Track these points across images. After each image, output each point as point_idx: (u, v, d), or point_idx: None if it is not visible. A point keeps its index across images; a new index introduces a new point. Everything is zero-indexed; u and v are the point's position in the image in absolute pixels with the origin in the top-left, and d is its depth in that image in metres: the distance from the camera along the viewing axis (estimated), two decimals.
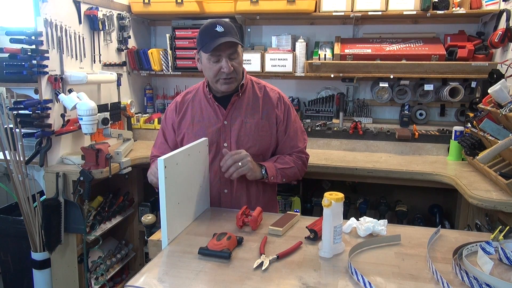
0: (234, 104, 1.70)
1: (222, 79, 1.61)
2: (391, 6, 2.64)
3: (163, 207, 1.28)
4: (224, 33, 1.54)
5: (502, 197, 1.76)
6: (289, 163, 1.73)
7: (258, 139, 1.70)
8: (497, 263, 1.18)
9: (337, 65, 2.68)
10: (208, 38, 1.55)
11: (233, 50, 1.58)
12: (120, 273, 2.77)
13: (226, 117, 1.70)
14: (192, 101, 1.76)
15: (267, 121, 1.72)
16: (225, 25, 1.56)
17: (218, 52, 1.56)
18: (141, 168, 2.79)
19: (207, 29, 1.57)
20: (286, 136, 1.76)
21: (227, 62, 1.56)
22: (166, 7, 2.89)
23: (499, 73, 2.31)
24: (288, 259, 1.21)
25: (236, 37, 1.58)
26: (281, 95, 1.79)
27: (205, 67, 1.63)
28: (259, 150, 1.71)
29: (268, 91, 1.76)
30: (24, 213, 2.27)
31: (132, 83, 3.16)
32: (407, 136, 2.63)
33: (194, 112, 1.74)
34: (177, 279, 1.11)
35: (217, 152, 1.71)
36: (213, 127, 1.70)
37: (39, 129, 2.18)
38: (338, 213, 1.21)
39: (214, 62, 1.58)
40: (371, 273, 1.12)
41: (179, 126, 1.76)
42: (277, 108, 1.74)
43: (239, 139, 1.69)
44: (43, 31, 2.18)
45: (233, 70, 1.59)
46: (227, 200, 1.72)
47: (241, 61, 1.64)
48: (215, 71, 1.59)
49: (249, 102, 1.72)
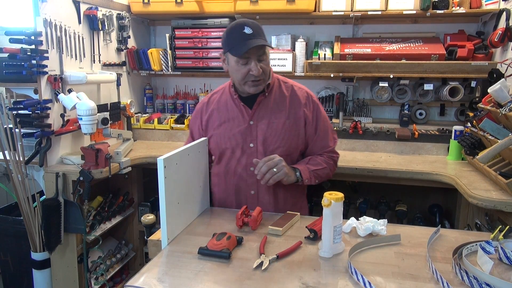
0: (260, 104, 1.67)
1: (250, 81, 1.57)
2: (390, 5, 2.64)
3: (162, 207, 1.28)
4: (253, 35, 1.50)
5: (502, 197, 1.76)
6: (321, 163, 1.69)
7: (285, 139, 1.66)
8: (497, 262, 1.18)
9: (337, 64, 2.68)
10: (237, 41, 1.51)
11: (262, 52, 1.54)
12: (120, 273, 2.77)
13: (252, 117, 1.66)
14: (218, 102, 1.73)
15: (294, 121, 1.67)
16: (253, 26, 1.51)
17: (248, 55, 1.51)
18: (141, 168, 2.79)
19: (234, 31, 1.53)
20: (317, 136, 1.72)
21: (256, 65, 1.52)
22: (166, 7, 2.89)
23: (499, 73, 2.31)
24: (288, 259, 1.21)
25: (264, 38, 1.54)
26: (310, 94, 1.73)
27: (232, 69, 1.59)
28: (286, 150, 1.66)
29: (296, 90, 1.71)
30: (24, 213, 2.26)
31: (131, 83, 3.16)
32: (407, 136, 2.63)
33: (220, 113, 1.72)
34: (176, 279, 1.11)
35: (243, 152, 1.67)
36: (239, 128, 1.67)
37: (39, 129, 2.18)
38: (338, 212, 1.21)
39: (242, 64, 1.54)
40: (371, 273, 1.12)
41: (206, 128, 1.74)
42: (306, 107, 1.69)
43: (266, 140, 1.65)
44: (43, 31, 2.18)
45: (262, 72, 1.55)
46: (253, 202, 1.68)
47: (269, 62, 1.60)
48: (244, 73, 1.55)
49: (275, 102, 1.68)
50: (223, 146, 1.68)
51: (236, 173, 1.69)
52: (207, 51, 2.96)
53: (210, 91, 3.24)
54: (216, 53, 2.95)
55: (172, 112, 3.27)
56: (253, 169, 1.63)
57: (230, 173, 1.70)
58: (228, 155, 1.69)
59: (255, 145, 1.66)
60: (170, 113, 3.23)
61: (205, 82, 3.28)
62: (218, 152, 1.71)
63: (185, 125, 3.00)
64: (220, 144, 1.69)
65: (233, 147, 1.67)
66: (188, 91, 3.32)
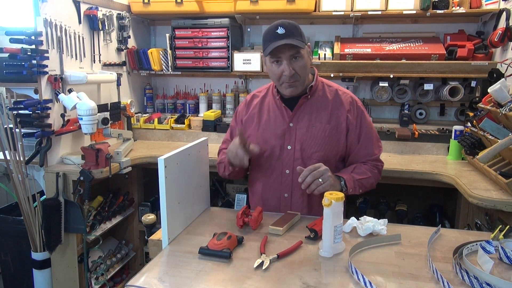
0: (302, 107, 1.63)
1: (285, 82, 1.55)
2: (390, 5, 2.64)
3: (163, 207, 1.28)
4: (285, 35, 1.47)
5: (502, 196, 1.76)
6: (366, 173, 1.63)
7: (324, 144, 1.62)
8: (497, 262, 1.18)
9: (337, 64, 2.68)
10: (269, 41, 1.50)
11: (295, 52, 1.50)
12: (120, 273, 2.77)
13: (292, 119, 1.63)
14: (261, 102, 1.72)
15: (336, 126, 1.62)
16: (287, 27, 1.49)
17: (278, 54, 1.50)
18: (141, 168, 2.79)
19: (269, 31, 1.51)
20: (360, 144, 1.66)
21: (287, 65, 1.50)
22: (166, 6, 2.89)
23: (499, 73, 2.31)
24: (289, 258, 1.21)
25: (298, 38, 1.50)
26: (354, 99, 1.68)
27: (268, 70, 1.58)
28: (324, 155, 1.62)
29: (340, 95, 1.66)
30: (24, 213, 2.26)
31: (132, 83, 3.16)
32: (407, 136, 2.63)
33: (262, 112, 1.70)
34: (177, 278, 1.11)
35: (280, 154, 1.64)
36: (278, 129, 1.64)
37: (39, 129, 2.18)
38: (338, 212, 1.21)
39: (275, 65, 1.53)
40: (372, 273, 1.12)
41: (245, 125, 1.72)
42: (350, 113, 1.64)
43: (304, 143, 1.62)
44: (43, 31, 2.18)
45: (295, 73, 1.52)
46: (287, 205, 1.66)
47: (306, 63, 1.55)
48: (278, 74, 1.54)
49: (317, 105, 1.63)
50: (261, 146, 1.65)
51: (272, 175, 1.66)
52: (207, 51, 2.96)
53: (210, 91, 3.27)
54: (216, 53, 2.95)
55: (172, 112, 3.27)
56: (288, 172, 1.63)
57: (266, 174, 1.68)
58: (266, 156, 1.66)
59: (293, 148, 1.63)
60: (170, 113, 3.23)
61: (205, 82, 3.28)
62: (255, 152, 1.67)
63: (185, 125, 3.00)
64: (259, 143, 1.65)
65: (271, 148, 1.65)
66: (188, 91, 3.32)
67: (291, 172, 1.63)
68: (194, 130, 3.01)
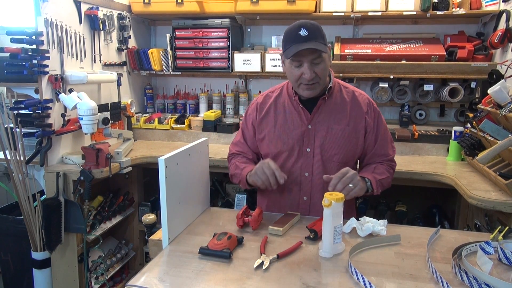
0: (320, 108, 1.60)
1: (303, 84, 1.52)
2: (391, 6, 2.65)
3: (163, 207, 1.28)
4: (308, 38, 1.43)
5: (502, 197, 1.77)
6: (385, 172, 1.63)
7: (343, 146, 1.60)
8: (497, 263, 1.18)
9: (337, 65, 2.68)
10: (290, 42, 1.46)
11: (317, 55, 1.46)
12: (120, 273, 2.77)
13: (311, 121, 1.60)
14: (275, 102, 1.68)
15: (355, 128, 1.61)
16: (310, 28, 1.45)
17: (300, 57, 1.46)
18: (141, 168, 2.79)
19: (291, 32, 1.48)
20: (377, 145, 1.66)
21: (308, 68, 1.46)
22: (166, 7, 2.89)
23: (499, 74, 2.31)
24: (289, 258, 1.21)
25: (321, 41, 1.46)
26: (371, 101, 1.67)
27: (287, 71, 1.55)
28: (344, 157, 1.61)
29: (357, 96, 1.65)
30: (24, 213, 2.27)
31: (132, 83, 3.17)
32: (406, 136, 2.63)
33: (277, 113, 1.66)
34: (177, 278, 1.11)
35: (299, 156, 1.62)
36: (296, 131, 1.61)
37: (40, 129, 2.18)
38: (338, 213, 1.21)
39: (295, 67, 1.50)
40: (371, 273, 1.12)
41: (260, 125, 1.68)
42: (367, 114, 1.63)
43: (323, 146, 1.59)
44: (44, 31, 2.18)
45: (316, 76, 1.49)
46: (305, 207, 1.64)
47: (327, 66, 1.53)
48: (297, 76, 1.51)
49: (336, 107, 1.61)
50: (278, 149, 1.63)
51: (290, 178, 1.62)
52: (207, 51, 2.97)
53: (211, 91, 3.27)
54: (217, 53, 2.96)
55: (173, 112, 3.27)
56: (307, 174, 1.62)
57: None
58: (283, 159, 1.63)
59: (312, 150, 1.61)
60: (171, 113, 3.23)
61: (205, 82, 3.28)
62: (272, 155, 1.65)
63: (185, 125, 3.01)
64: (275, 146, 1.64)
65: (289, 150, 1.62)
66: (188, 91, 3.32)
67: (311, 175, 1.62)
68: (194, 130, 3.01)
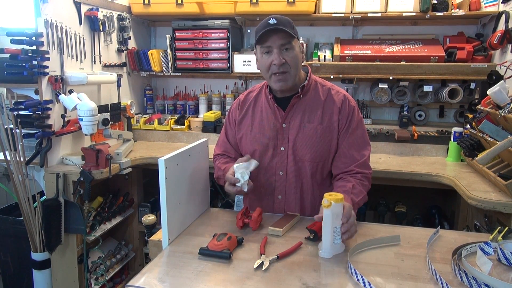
0: (294, 107, 1.60)
1: (274, 74, 1.51)
2: (390, 7, 2.65)
3: (163, 208, 1.28)
4: (276, 25, 1.45)
5: (501, 198, 1.77)
6: (362, 191, 1.53)
7: (314, 145, 1.58)
8: (496, 263, 1.18)
9: (337, 66, 2.68)
10: (260, 31, 1.48)
11: (285, 42, 1.47)
12: (120, 274, 2.77)
13: (285, 120, 1.60)
14: (254, 102, 1.69)
15: (328, 127, 1.58)
16: (279, 19, 1.48)
17: (268, 43, 1.48)
18: (141, 169, 2.79)
19: (261, 23, 1.50)
20: (345, 144, 1.59)
21: (277, 54, 1.47)
22: (166, 8, 2.89)
23: (498, 75, 2.31)
24: (288, 259, 1.21)
25: (290, 30, 1.47)
26: (346, 97, 1.62)
27: (259, 62, 1.56)
28: (316, 157, 1.59)
29: (333, 94, 1.61)
30: (24, 214, 2.27)
31: (132, 83, 3.17)
32: (406, 137, 2.64)
33: (255, 112, 1.67)
34: (177, 279, 1.11)
35: (273, 155, 1.62)
36: (271, 130, 1.61)
37: (40, 130, 2.18)
38: (337, 213, 1.21)
39: (265, 54, 1.51)
40: (371, 274, 1.12)
41: (240, 125, 1.69)
42: (341, 111, 1.59)
43: (296, 144, 1.59)
44: (44, 31, 2.18)
45: (285, 63, 1.48)
46: (280, 207, 1.65)
47: (297, 55, 1.52)
48: (267, 65, 1.51)
49: (310, 105, 1.60)
50: (254, 147, 1.64)
51: (265, 176, 1.64)
52: (207, 52, 2.97)
53: (210, 92, 3.27)
54: (217, 54, 2.96)
55: (172, 113, 3.27)
56: (282, 173, 1.62)
57: (259, 175, 1.65)
58: (258, 157, 1.63)
59: (286, 149, 1.61)
60: (170, 114, 3.24)
61: (205, 83, 3.28)
62: (249, 153, 1.64)
63: (185, 126, 3.01)
64: (252, 144, 1.65)
65: (264, 149, 1.62)
66: (188, 92, 3.33)
67: (285, 174, 1.63)
68: (194, 131, 3.01)
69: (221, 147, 1.77)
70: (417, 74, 2.59)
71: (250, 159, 1.54)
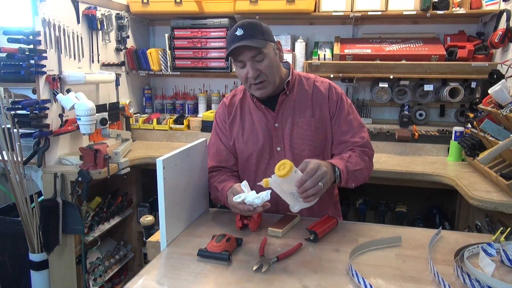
0: (283, 104, 1.58)
1: (252, 84, 1.50)
2: (391, 6, 2.64)
3: (162, 208, 1.27)
4: (243, 37, 1.41)
5: (503, 198, 1.76)
6: (359, 163, 1.50)
7: (311, 139, 1.57)
8: (499, 265, 1.17)
9: (337, 65, 2.67)
10: (229, 44, 1.45)
11: (256, 53, 1.44)
12: (118, 274, 2.75)
13: (276, 119, 1.58)
14: (241, 105, 1.66)
15: (321, 118, 1.57)
16: (246, 27, 1.43)
17: (240, 57, 1.45)
18: (140, 169, 2.77)
19: (229, 34, 1.48)
20: (340, 130, 1.58)
21: (250, 67, 1.45)
22: (165, 6, 2.88)
23: (499, 74, 2.30)
24: (288, 260, 1.20)
25: (259, 37, 1.44)
26: (332, 85, 1.62)
27: (237, 73, 1.55)
28: (314, 151, 1.57)
29: (318, 85, 1.61)
30: (21, 214, 2.25)
31: (130, 83, 3.15)
32: (407, 137, 2.62)
33: (243, 117, 1.64)
34: (176, 281, 1.10)
35: (270, 157, 1.60)
36: (264, 132, 1.59)
37: (37, 129, 2.17)
38: (289, 183, 1.27)
39: (240, 68, 1.49)
40: (372, 275, 1.11)
41: (230, 130, 1.66)
42: (329, 101, 1.58)
43: (292, 141, 1.57)
44: (41, 30, 2.17)
45: (260, 73, 1.47)
46: (285, 208, 1.59)
47: (272, 61, 1.48)
48: (244, 77, 1.49)
49: (298, 100, 1.58)
50: (249, 152, 1.62)
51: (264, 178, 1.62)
52: (206, 51, 2.96)
53: (210, 91, 3.26)
54: (216, 53, 2.94)
55: (171, 113, 3.26)
56: None
57: (258, 178, 1.59)
58: (255, 160, 1.61)
59: (282, 149, 1.59)
60: (169, 114, 3.22)
61: (204, 82, 3.27)
62: (245, 157, 1.63)
63: (184, 126, 2.99)
64: (246, 149, 1.62)
65: (260, 152, 1.60)
66: (187, 91, 3.31)
67: None
68: (193, 131, 3.00)
69: (214, 158, 1.69)
70: (417, 73, 2.58)
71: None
